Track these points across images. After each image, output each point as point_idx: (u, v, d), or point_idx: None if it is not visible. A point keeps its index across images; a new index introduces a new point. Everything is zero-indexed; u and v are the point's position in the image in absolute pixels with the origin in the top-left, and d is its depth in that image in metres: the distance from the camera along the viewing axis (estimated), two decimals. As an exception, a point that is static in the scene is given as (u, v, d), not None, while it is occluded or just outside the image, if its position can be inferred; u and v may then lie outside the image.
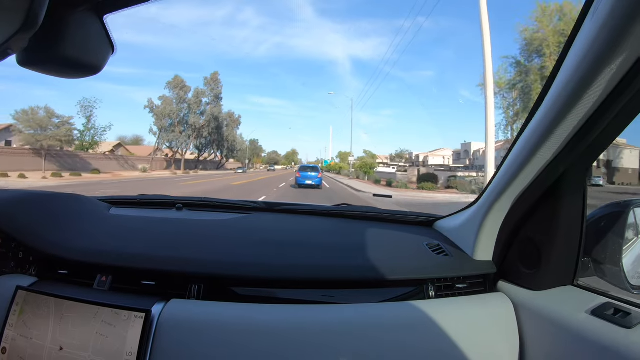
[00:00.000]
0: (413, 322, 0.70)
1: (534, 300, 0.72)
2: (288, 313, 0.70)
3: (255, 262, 0.80)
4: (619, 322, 0.58)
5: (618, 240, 0.75)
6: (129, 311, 0.68)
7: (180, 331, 0.67)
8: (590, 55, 0.47)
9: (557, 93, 0.54)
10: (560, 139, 0.58)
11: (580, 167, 0.67)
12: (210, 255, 0.82)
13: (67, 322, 0.70)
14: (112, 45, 0.49)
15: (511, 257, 0.80)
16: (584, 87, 0.50)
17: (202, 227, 1.01)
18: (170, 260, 0.79)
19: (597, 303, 0.64)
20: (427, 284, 0.79)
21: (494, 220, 0.77)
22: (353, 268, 0.79)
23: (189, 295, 0.75)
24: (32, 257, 0.84)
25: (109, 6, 0.47)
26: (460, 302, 0.76)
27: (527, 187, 0.69)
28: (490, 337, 0.72)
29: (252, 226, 1.05)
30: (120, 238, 0.90)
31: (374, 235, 0.99)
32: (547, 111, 0.57)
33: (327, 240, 0.96)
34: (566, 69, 0.52)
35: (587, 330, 0.60)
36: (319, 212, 1.21)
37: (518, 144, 0.66)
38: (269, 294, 0.78)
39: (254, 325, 0.68)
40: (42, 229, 0.88)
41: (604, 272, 0.76)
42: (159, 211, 1.20)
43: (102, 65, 0.49)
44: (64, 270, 0.81)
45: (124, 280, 0.78)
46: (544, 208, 0.72)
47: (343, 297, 0.77)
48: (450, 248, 0.88)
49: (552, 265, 0.72)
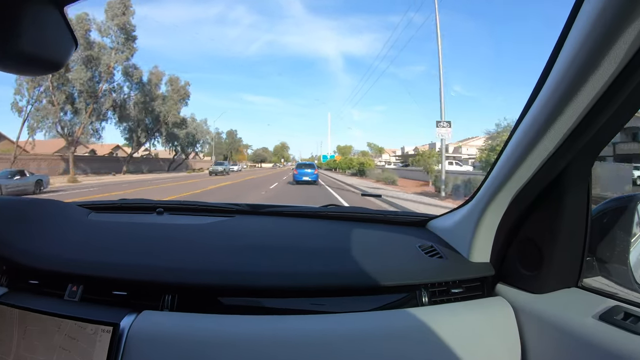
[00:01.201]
0: (406, 331, 0.65)
1: (536, 304, 0.67)
2: (272, 324, 0.65)
3: (237, 270, 0.75)
4: (630, 328, 0.53)
5: (624, 237, 0.70)
6: (96, 325, 0.63)
7: (150, 345, 0.62)
8: (592, 35, 0.43)
9: (556, 81, 0.50)
10: (561, 131, 0.54)
11: (583, 159, 0.62)
12: (187, 264, 0.77)
13: (30, 336, 0.66)
14: (75, 39, 0.45)
15: (510, 258, 0.76)
16: (586, 72, 0.46)
17: (181, 232, 0.96)
18: (142, 268, 0.74)
19: (605, 306, 0.60)
20: (420, 289, 0.74)
21: (491, 218, 0.73)
22: (342, 275, 0.74)
23: (163, 306, 0.70)
24: (5, 267, 0.80)
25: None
26: (456, 309, 0.71)
27: (526, 182, 0.64)
28: (490, 345, 0.67)
29: (234, 230, 1.00)
30: (94, 245, 0.86)
31: (364, 238, 0.94)
32: (546, 100, 0.53)
33: (314, 244, 0.91)
34: (565, 54, 0.48)
35: (595, 336, 0.55)
36: (306, 213, 1.17)
37: (515, 135, 0.61)
38: (254, 303, 0.73)
39: (233, 338, 0.62)
40: (13, 236, 0.83)
41: (609, 271, 0.72)
42: (140, 215, 1.16)
43: (64, 61, 0.46)
44: (34, 280, 0.77)
45: (95, 290, 0.73)
46: (545, 204, 0.68)
47: (333, 305, 0.72)
48: (445, 249, 0.83)
49: (554, 265, 0.67)
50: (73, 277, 0.74)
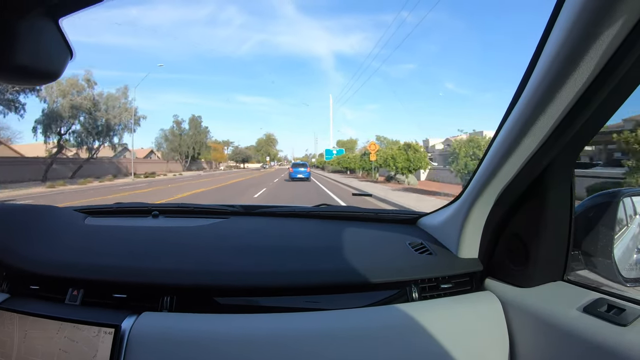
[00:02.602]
0: (397, 326, 0.67)
1: (523, 297, 0.69)
2: (269, 322, 0.67)
3: (233, 270, 0.77)
4: (613, 320, 0.55)
5: (608, 232, 0.72)
6: (98, 327, 0.65)
7: (152, 346, 0.63)
8: (572, 35, 0.44)
9: (538, 80, 0.52)
10: (544, 129, 0.55)
11: (566, 157, 0.64)
12: (184, 265, 0.78)
13: (32, 340, 0.67)
14: (70, 49, 0.46)
15: (498, 253, 0.78)
16: (567, 72, 0.47)
17: (177, 235, 0.98)
18: (141, 271, 0.76)
19: (590, 299, 0.62)
20: (411, 285, 0.75)
21: (478, 215, 0.74)
22: (335, 272, 0.76)
23: (161, 307, 0.71)
24: (6, 273, 0.81)
25: (63, 9, 0.44)
26: (445, 303, 0.73)
27: (511, 179, 0.66)
28: (479, 338, 0.69)
29: (230, 232, 1.02)
30: (93, 250, 0.87)
31: (356, 237, 0.96)
32: (528, 100, 0.54)
33: (307, 243, 0.93)
34: (546, 54, 0.50)
35: (580, 328, 0.57)
36: (299, 213, 1.18)
37: (500, 134, 0.63)
38: (250, 302, 0.75)
39: (232, 336, 0.64)
40: (12, 242, 0.84)
41: (595, 264, 0.74)
42: (135, 219, 1.17)
43: (60, 71, 0.46)
44: (35, 286, 0.78)
45: (96, 293, 0.75)
46: (530, 201, 0.69)
47: (327, 302, 0.74)
48: (434, 246, 0.85)
49: (540, 260, 0.69)
50: (74, 282, 0.75)
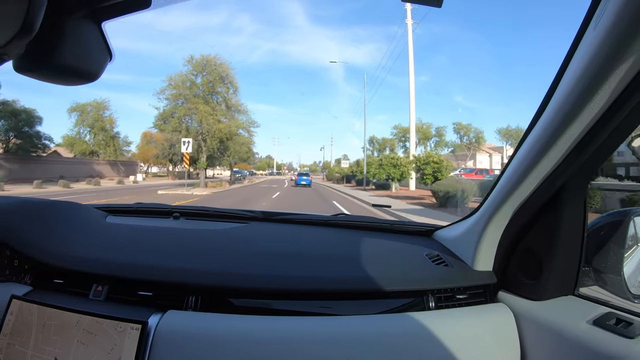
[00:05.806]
0: (413, 333, 0.69)
1: (535, 310, 0.71)
2: (287, 324, 0.69)
3: (253, 273, 0.79)
4: (621, 332, 0.58)
5: (619, 250, 0.75)
6: (126, 322, 0.67)
7: (177, 343, 0.65)
8: (593, 63, 0.47)
9: (559, 103, 0.54)
10: (562, 150, 0.58)
11: (581, 176, 0.67)
12: (208, 266, 0.80)
13: (50, 331, 0.68)
14: (110, 52, 0.49)
15: (512, 267, 0.80)
16: (587, 97, 0.50)
17: (199, 237, 1.00)
18: (167, 270, 0.78)
19: (599, 313, 0.64)
20: (428, 294, 0.78)
21: (495, 230, 0.77)
22: (352, 280, 0.78)
23: (186, 306, 0.74)
24: (27, 266, 0.83)
25: (107, 13, 0.47)
26: (460, 313, 0.76)
27: (528, 196, 0.69)
28: (491, 348, 0.71)
29: (250, 236, 1.04)
30: (117, 247, 0.89)
31: (373, 246, 0.98)
32: (549, 121, 0.57)
33: (325, 250, 0.95)
34: (568, 78, 0.53)
35: (589, 340, 0.59)
36: (317, 221, 1.20)
37: (519, 153, 0.66)
38: (267, 305, 0.77)
39: (252, 337, 0.67)
40: (37, 236, 0.86)
41: (604, 281, 0.76)
42: (156, 220, 1.19)
43: (99, 73, 0.48)
44: (59, 280, 0.80)
45: (120, 290, 0.77)
46: (545, 217, 0.72)
47: (342, 308, 0.76)
48: (450, 258, 0.87)
49: (552, 275, 0.72)
50: (98, 277, 0.77)
